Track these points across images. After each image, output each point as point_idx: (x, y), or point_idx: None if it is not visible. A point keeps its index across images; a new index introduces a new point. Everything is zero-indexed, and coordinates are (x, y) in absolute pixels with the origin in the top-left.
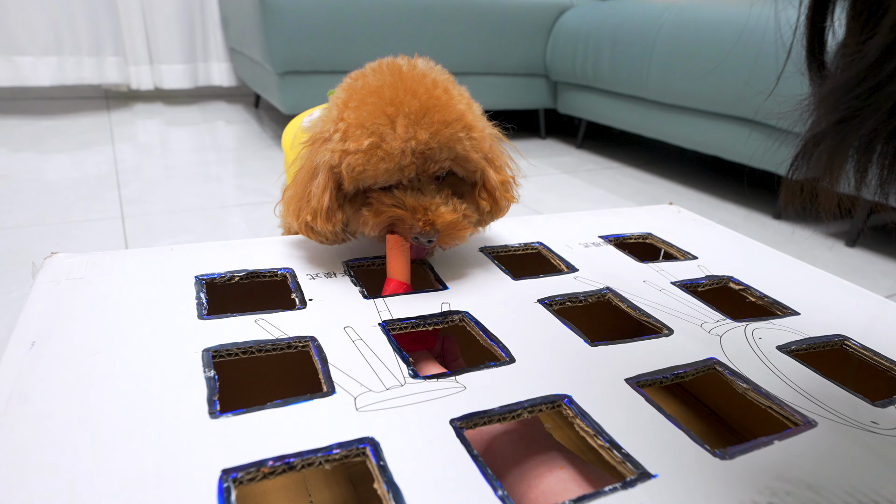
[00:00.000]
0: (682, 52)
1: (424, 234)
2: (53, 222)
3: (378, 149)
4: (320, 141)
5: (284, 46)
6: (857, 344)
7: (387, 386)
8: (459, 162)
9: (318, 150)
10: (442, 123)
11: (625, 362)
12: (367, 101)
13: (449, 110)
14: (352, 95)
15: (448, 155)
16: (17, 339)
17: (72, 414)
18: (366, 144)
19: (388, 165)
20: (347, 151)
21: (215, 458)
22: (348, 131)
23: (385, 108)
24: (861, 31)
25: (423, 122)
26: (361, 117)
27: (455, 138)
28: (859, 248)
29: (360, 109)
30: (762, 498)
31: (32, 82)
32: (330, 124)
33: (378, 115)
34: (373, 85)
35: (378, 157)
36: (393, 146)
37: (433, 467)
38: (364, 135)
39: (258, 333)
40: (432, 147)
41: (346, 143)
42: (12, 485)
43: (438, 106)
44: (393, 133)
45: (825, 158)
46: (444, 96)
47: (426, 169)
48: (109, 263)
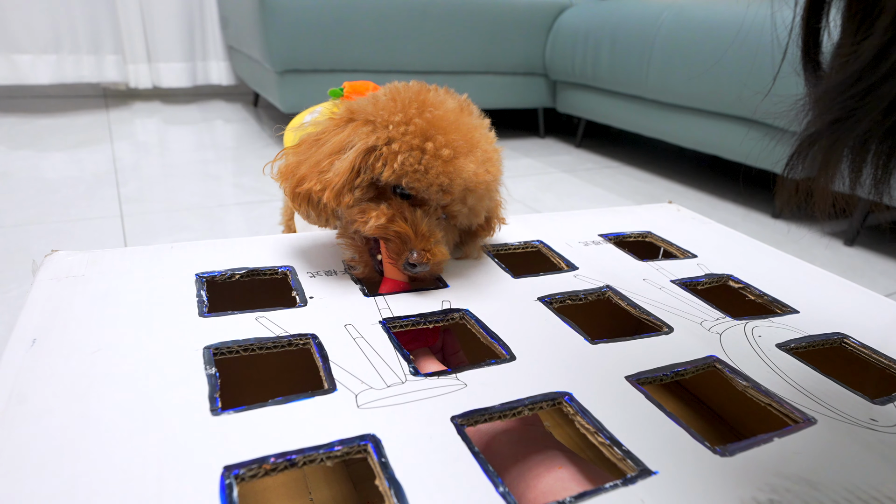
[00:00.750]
0: (681, 52)
1: (421, 264)
2: (52, 220)
3: (449, 164)
4: (364, 122)
5: (284, 45)
6: (857, 342)
7: (388, 383)
8: (471, 215)
9: (358, 130)
10: (493, 177)
11: (625, 360)
12: (448, 118)
13: (498, 168)
14: (428, 102)
15: (473, 203)
16: (17, 336)
17: (73, 411)
18: (445, 154)
19: (441, 182)
20: (416, 148)
21: (217, 455)
22: (428, 131)
23: (466, 134)
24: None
25: (485, 165)
26: (444, 128)
27: (488, 196)
28: (857, 248)
29: (442, 121)
30: (762, 495)
31: (31, 80)
32: (384, 111)
33: (460, 135)
34: (451, 105)
35: (443, 171)
36: (463, 169)
37: (434, 464)
38: (444, 143)
39: (259, 331)
40: (476, 191)
41: (418, 139)
42: (13, 482)
43: (493, 160)
44: (467, 158)
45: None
46: (495, 154)
47: (451, 205)
48: (110, 261)
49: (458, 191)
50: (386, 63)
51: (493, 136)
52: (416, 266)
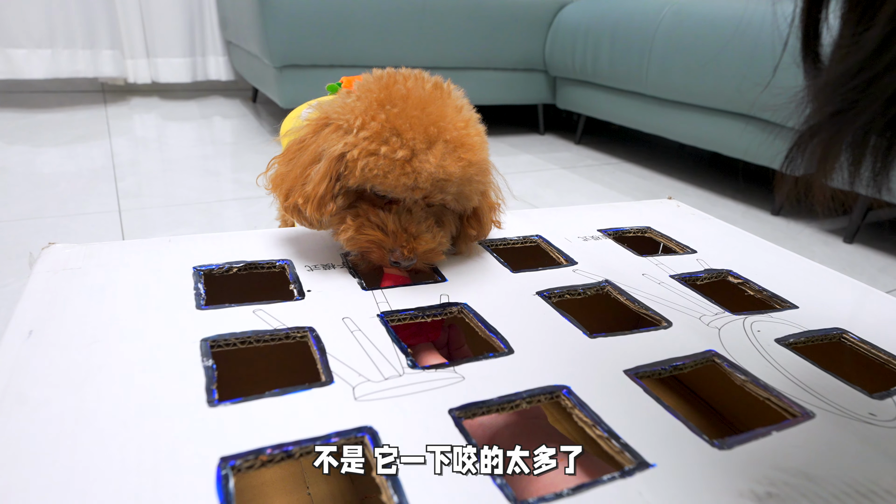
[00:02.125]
0: (682, 48)
1: (406, 260)
2: (50, 215)
3: (407, 163)
4: (335, 128)
5: (283, 40)
6: (856, 337)
7: (385, 376)
8: (459, 198)
9: (329, 137)
10: (468, 163)
11: (623, 354)
12: (409, 111)
13: (476, 152)
14: (391, 98)
15: (456, 190)
16: (14, 327)
17: (69, 402)
18: (399, 155)
19: (407, 182)
20: (374, 152)
21: (213, 446)
22: (382, 133)
23: (428, 126)
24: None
25: (455, 153)
26: (400, 125)
27: (472, 181)
28: (857, 245)
29: (401, 117)
30: (760, 487)
31: (26, 75)
32: (351, 115)
33: (419, 129)
34: (417, 96)
35: (402, 171)
36: (423, 168)
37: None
38: (399, 144)
39: (256, 324)
40: (451, 180)
41: (374, 143)
42: (9, 472)
43: (471, 144)
44: (427, 154)
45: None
46: (475, 137)
47: (431, 196)
48: (107, 254)
49: (428, 185)
50: (385, 59)
51: (469, 117)
52: (400, 263)
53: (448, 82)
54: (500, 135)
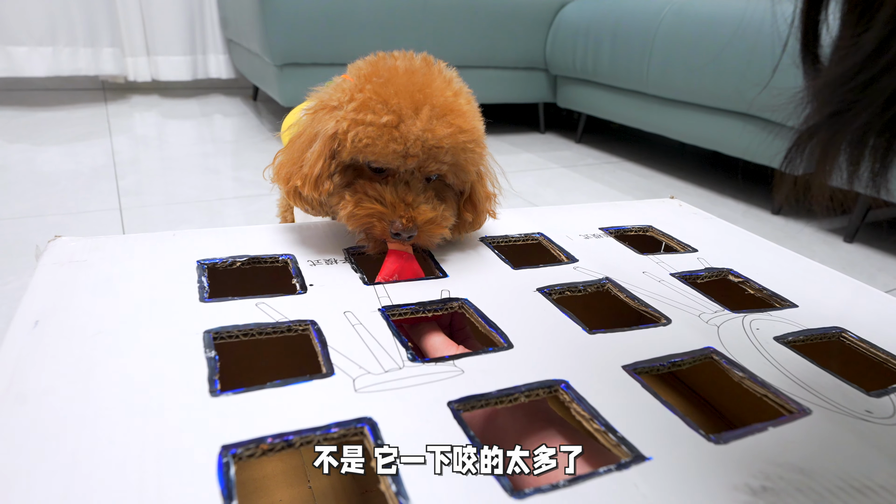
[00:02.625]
0: (683, 47)
1: (406, 230)
2: (51, 213)
3: (395, 129)
4: (326, 109)
5: (283, 38)
6: (855, 336)
7: (385, 369)
8: (456, 170)
9: (322, 118)
10: (458, 129)
11: (622, 350)
12: (395, 80)
13: (468, 118)
14: (377, 71)
15: (451, 160)
16: (20, 318)
17: (74, 391)
18: (384, 120)
19: (396, 148)
20: (361, 122)
21: (215, 435)
22: (368, 103)
23: (414, 92)
24: (856, 23)
25: (444, 119)
26: (386, 93)
27: (465, 147)
28: (857, 244)
29: (387, 86)
30: (755, 481)
31: (27, 73)
32: (342, 94)
33: (404, 96)
34: (403, 67)
35: (391, 137)
36: (410, 131)
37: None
38: (385, 110)
39: (259, 316)
40: (443, 147)
41: (361, 113)
42: (15, 459)
43: (460, 111)
44: (414, 119)
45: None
46: (465, 105)
47: (425, 166)
48: (112, 247)
49: (421, 151)
50: None
51: (458, 89)
52: (400, 234)
53: (439, 62)
54: (501, 133)
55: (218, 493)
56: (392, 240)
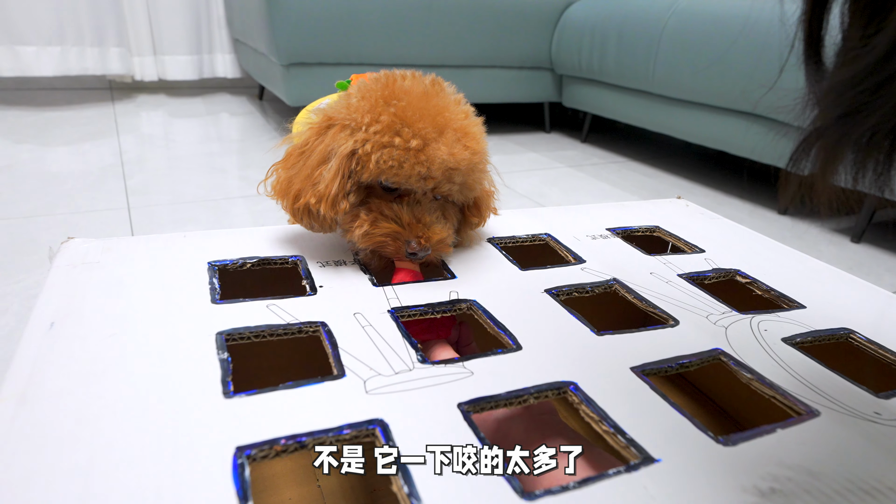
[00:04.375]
0: (689, 46)
1: (422, 250)
2: (60, 213)
3: (421, 152)
4: (341, 128)
5: (290, 38)
6: (863, 337)
7: (395, 370)
8: (463, 189)
9: (337, 137)
10: (473, 151)
11: (630, 351)
12: (414, 104)
13: (478, 141)
14: (395, 94)
15: (462, 180)
16: (36, 319)
17: (90, 391)
18: (413, 144)
19: (420, 170)
20: (387, 144)
21: (229, 436)
22: (393, 126)
23: (435, 116)
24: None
25: (461, 142)
26: (410, 117)
27: (477, 169)
28: (864, 244)
29: (408, 110)
30: (763, 483)
31: (35, 72)
32: (357, 114)
33: (427, 120)
34: (418, 91)
35: (416, 160)
36: (436, 155)
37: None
38: (411, 134)
39: (270, 318)
40: (459, 169)
41: (387, 136)
42: (33, 458)
43: (472, 134)
44: (438, 142)
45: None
46: (475, 127)
47: (439, 187)
48: (124, 249)
49: (440, 174)
50: (391, 57)
51: (468, 109)
52: (416, 254)
53: (446, 82)
54: (506, 133)
55: (234, 494)
56: (403, 259)
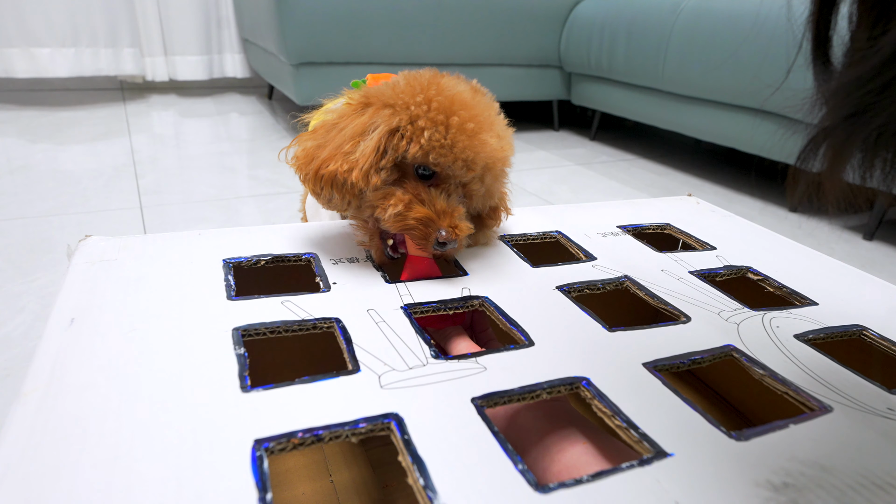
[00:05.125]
0: (699, 43)
1: (451, 241)
2: (74, 212)
3: (474, 138)
4: (383, 106)
5: (299, 37)
6: (876, 334)
7: (409, 365)
8: (486, 197)
9: (380, 112)
10: (505, 152)
11: (642, 347)
12: (464, 98)
13: (510, 145)
14: (444, 86)
15: (490, 183)
16: (57, 315)
17: (111, 386)
18: (469, 126)
19: (467, 157)
20: (442, 123)
21: (248, 429)
22: (451, 107)
23: (484, 111)
24: (873, 26)
25: (501, 143)
26: (464, 106)
27: (503, 175)
28: (877, 242)
29: (459, 102)
30: (776, 478)
31: (50, 73)
32: (409, 96)
33: (478, 111)
34: (464, 88)
35: (469, 146)
36: (487, 142)
37: (455, 442)
38: (467, 118)
39: (285, 314)
40: (495, 168)
41: (442, 115)
42: (60, 451)
43: (506, 138)
44: (488, 135)
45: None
46: (507, 133)
47: (471, 182)
48: (141, 246)
49: (480, 166)
50: (401, 55)
51: (504, 120)
52: (445, 244)
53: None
54: (515, 131)
55: (253, 486)
56: (427, 247)
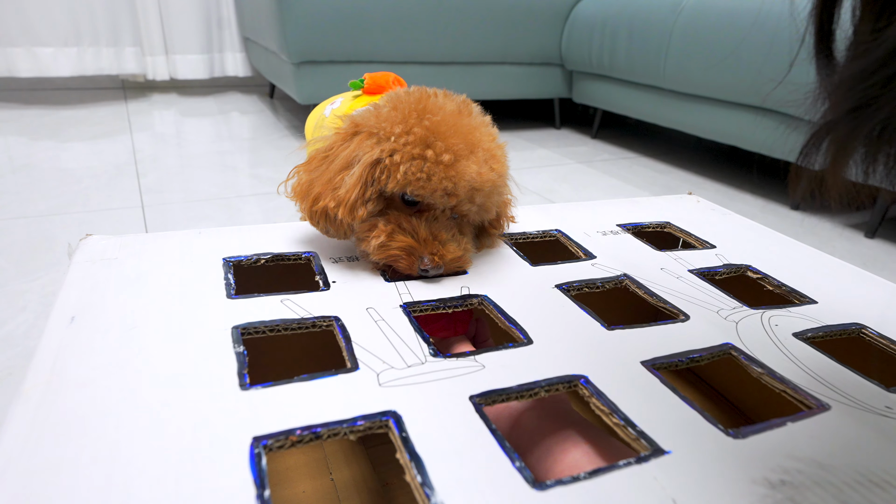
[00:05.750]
0: (700, 41)
1: (434, 268)
2: (76, 211)
3: (451, 168)
4: (368, 135)
5: (300, 36)
6: (875, 332)
7: (408, 364)
8: (481, 211)
9: (363, 144)
10: (498, 174)
11: (641, 345)
12: (447, 121)
13: (503, 164)
14: (428, 109)
15: (481, 202)
16: (57, 313)
17: (111, 383)
18: (445, 158)
19: (448, 186)
20: (419, 156)
21: (246, 427)
22: (426, 139)
23: (467, 135)
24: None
25: (488, 164)
26: (444, 132)
27: (496, 192)
28: (879, 240)
29: (441, 126)
30: (773, 475)
31: (52, 73)
32: (390, 124)
33: (460, 136)
34: (450, 108)
35: (446, 175)
36: (466, 171)
37: (453, 440)
38: (443, 149)
39: (284, 313)
40: (483, 190)
41: (418, 148)
42: (60, 447)
43: (498, 157)
44: (468, 161)
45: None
46: (500, 151)
47: (459, 206)
48: (141, 245)
49: (464, 192)
50: (402, 54)
51: (495, 133)
52: (428, 271)
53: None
54: (516, 129)
55: (251, 482)
56: (417, 273)
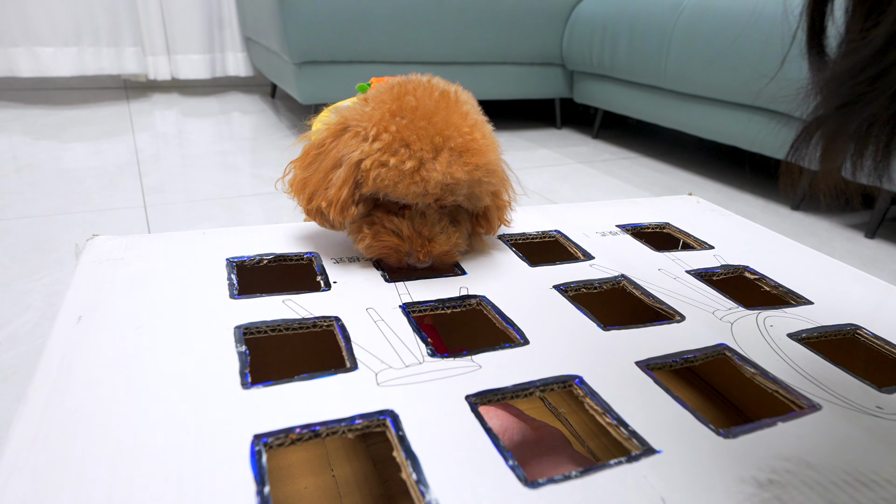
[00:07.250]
0: (701, 41)
1: (421, 263)
2: (78, 211)
3: (416, 173)
4: (353, 135)
5: (301, 36)
6: (870, 333)
7: (406, 363)
8: (471, 198)
9: (348, 143)
10: (475, 166)
11: (636, 346)
12: (417, 123)
13: (483, 154)
14: (401, 109)
15: (467, 191)
16: (65, 313)
17: (117, 381)
18: (407, 167)
19: (417, 190)
20: (384, 164)
21: (247, 425)
22: (392, 145)
23: (434, 136)
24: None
25: (461, 160)
26: (409, 137)
27: (481, 182)
28: (879, 240)
29: (410, 129)
30: (762, 475)
31: (54, 73)
32: (369, 125)
33: (426, 141)
34: (426, 107)
35: (412, 181)
36: (431, 176)
37: (449, 438)
38: (408, 156)
39: (286, 313)
40: (460, 184)
41: (385, 155)
42: (67, 445)
43: (476, 148)
44: (433, 164)
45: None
46: (481, 140)
47: (443, 199)
48: (146, 246)
49: (438, 190)
50: (403, 54)
51: (475, 121)
52: (416, 266)
53: (456, 88)
54: (517, 129)
55: (251, 479)
56: (406, 269)
